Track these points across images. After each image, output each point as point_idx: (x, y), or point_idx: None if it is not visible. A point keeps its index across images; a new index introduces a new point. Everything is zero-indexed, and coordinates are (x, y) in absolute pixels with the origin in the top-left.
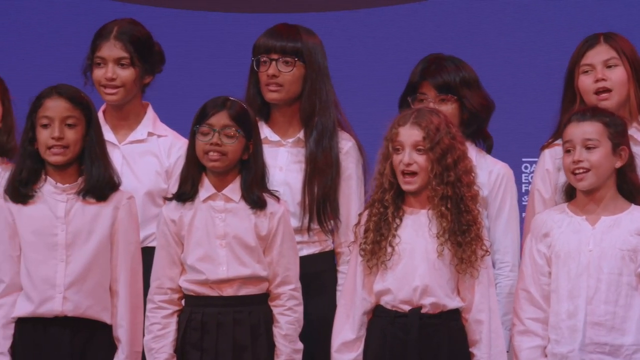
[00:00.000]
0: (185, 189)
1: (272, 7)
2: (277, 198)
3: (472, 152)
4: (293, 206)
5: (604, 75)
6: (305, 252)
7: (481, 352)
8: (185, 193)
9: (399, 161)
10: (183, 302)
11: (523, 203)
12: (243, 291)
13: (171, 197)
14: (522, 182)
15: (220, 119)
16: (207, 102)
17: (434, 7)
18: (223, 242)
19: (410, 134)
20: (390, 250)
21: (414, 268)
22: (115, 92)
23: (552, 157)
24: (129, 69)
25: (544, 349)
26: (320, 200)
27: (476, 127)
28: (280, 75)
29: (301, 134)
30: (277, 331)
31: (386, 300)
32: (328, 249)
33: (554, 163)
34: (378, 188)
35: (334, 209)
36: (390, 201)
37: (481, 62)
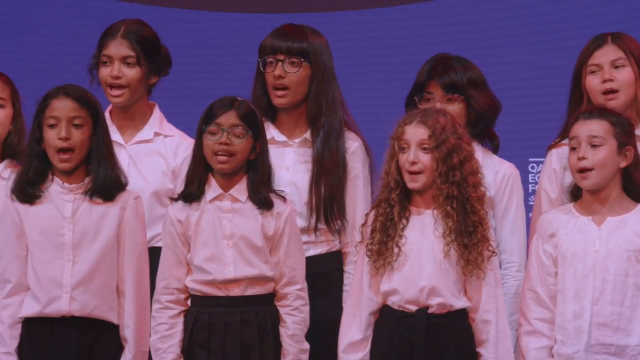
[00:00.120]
0: (191, 189)
1: (278, 8)
2: (284, 198)
3: (479, 152)
4: (300, 206)
5: (612, 75)
6: (311, 252)
7: (488, 352)
8: (191, 193)
9: (405, 160)
10: (189, 302)
11: (530, 203)
12: (250, 291)
13: (177, 197)
14: (529, 182)
15: (228, 119)
16: (214, 102)
17: (440, 7)
18: (230, 242)
19: (415, 133)
20: (396, 250)
21: (421, 268)
22: (120, 94)
23: (559, 157)
24: (135, 68)
25: (551, 349)
26: (327, 200)
27: (483, 127)
28: (286, 76)
29: (308, 134)
30: (284, 331)
31: (393, 300)
32: (335, 249)
33: (561, 163)
34: (384, 187)
35: (341, 209)
36: (396, 200)
37: (487, 62)
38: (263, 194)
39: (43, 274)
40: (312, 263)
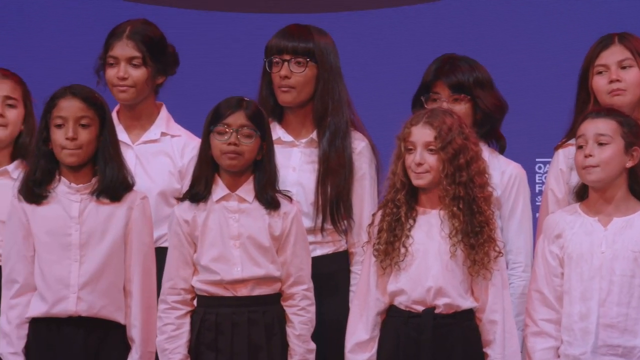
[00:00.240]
0: (198, 189)
1: (285, 8)
2: (290, 198)
3: (485, 153)
4: (306, 206)
5: (619, 76)
6: (318, 253)
7: (495, 353)
8: (198, 193)
9: (411, 161)
10: (195, 303)
11: (537, 203)
12: (257, 291)
13: (183, 197)
14: (536, 183)
15: (237, 119)
16: (221, 103)
17: (446, 8)
18: (237, 243)
19: (422, 134)
20: (403, 251)
21: (427, 269)
22: (126, 90)
23: (566, 157)
24: (141, 69)
25: (557, 350)
26: (333, 200)
27: (489, 128)
28: (292, 76)
29: (314, 135)
30: (291, 331)
31: (400, 300)
32: (341, 250)
33: (568, 163)
34: (391, 188)
35: (347, 209)
36: (402, 200)
37: (493, 63)
38: (270, 194)
39: (50, 274)
40: (319, 263)
